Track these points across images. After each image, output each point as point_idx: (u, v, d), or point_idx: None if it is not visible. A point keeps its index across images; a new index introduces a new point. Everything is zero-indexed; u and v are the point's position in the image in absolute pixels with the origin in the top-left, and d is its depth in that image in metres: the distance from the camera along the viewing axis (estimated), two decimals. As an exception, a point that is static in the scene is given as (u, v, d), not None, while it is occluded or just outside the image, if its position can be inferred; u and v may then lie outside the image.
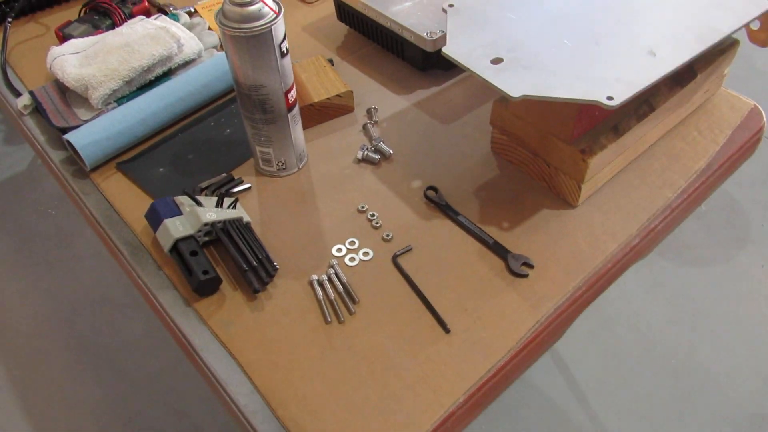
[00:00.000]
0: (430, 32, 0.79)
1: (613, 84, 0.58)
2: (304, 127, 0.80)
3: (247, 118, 0.70)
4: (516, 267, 0.64)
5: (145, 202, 0.73)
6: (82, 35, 0.90)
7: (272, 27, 0.62)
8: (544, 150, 0.69)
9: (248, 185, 0.74)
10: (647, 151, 0.75)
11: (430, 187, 0.72)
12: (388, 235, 0.68)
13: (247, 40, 0.61)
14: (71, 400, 1.37)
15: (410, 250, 0.67)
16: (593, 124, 0.67)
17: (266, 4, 0.61)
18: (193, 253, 0.64)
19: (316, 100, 0.79)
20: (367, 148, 0.76)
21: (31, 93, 0.83)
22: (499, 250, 0.66)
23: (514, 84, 0.59)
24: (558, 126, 0.66)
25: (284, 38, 0.64)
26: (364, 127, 0.80)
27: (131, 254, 0.69)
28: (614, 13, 0.67)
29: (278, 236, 0.69)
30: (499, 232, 0.68)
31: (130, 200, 0.73)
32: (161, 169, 0.76)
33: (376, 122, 0.81)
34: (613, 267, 0.66)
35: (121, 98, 0.81)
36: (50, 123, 0.79)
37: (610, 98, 0.57)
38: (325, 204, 0.72)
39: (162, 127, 0.80)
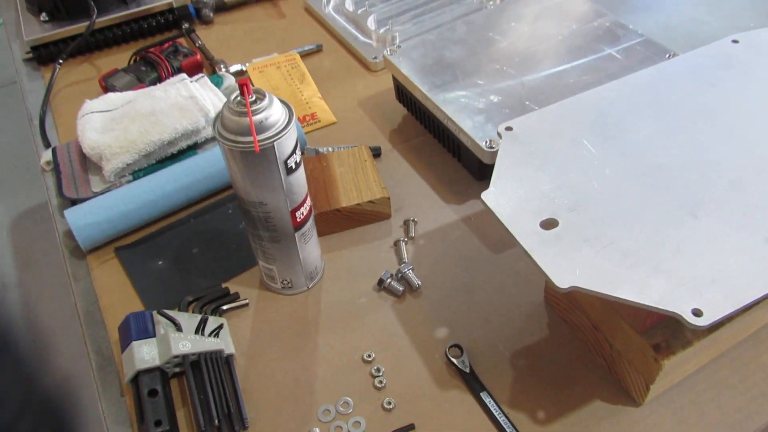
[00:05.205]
0: (490, 141, 0.65)
1: (706, 289, 0.42)
2: (328, 232, 0.69)
3: (249, 232, 0.59)
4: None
5: (132, 303, 0.64)
6: (123, 88, 0.83)
7: (276, 143, 0.50)
8: (606, 326, 0.53)
9: (245, 301, 0.63)
10: (756, 335, 0.57)
11: (455, 345, 0.58)
12: (389, 403, 0.54)
13: (245, 155, 0.51)
14: None
15: (412, 429, 0.53)
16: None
17: (273, 114, 0.50)
18: (152, 393, 0.54)
19: (344, 204, 0.67)
20: (390, 276, 0.63)
21: (53, 150, 0.77)
22: (525, 454, 0.51)
23: (565, 266, 0.44)
24: (627, 306, 0.50)
25: (294, 150, 0.53)
26: (396, 244, 0.67)
27: (99, 367, 0.60)
28: (731, 173, 0.50)
29: (263, 377, 0.57)
30: (530, 426, 0.52)
31: (117, 296, 0.65)
32: (160, 262, 0.67)
33: (412, 238, 0.68)
34: None
35: (137, 171, 0.73)
36: (60, 191, 0.72)
37: (697, 313, 0.40)
38: (327, 342, 0.59)
39: (173, 210, 0.72)
